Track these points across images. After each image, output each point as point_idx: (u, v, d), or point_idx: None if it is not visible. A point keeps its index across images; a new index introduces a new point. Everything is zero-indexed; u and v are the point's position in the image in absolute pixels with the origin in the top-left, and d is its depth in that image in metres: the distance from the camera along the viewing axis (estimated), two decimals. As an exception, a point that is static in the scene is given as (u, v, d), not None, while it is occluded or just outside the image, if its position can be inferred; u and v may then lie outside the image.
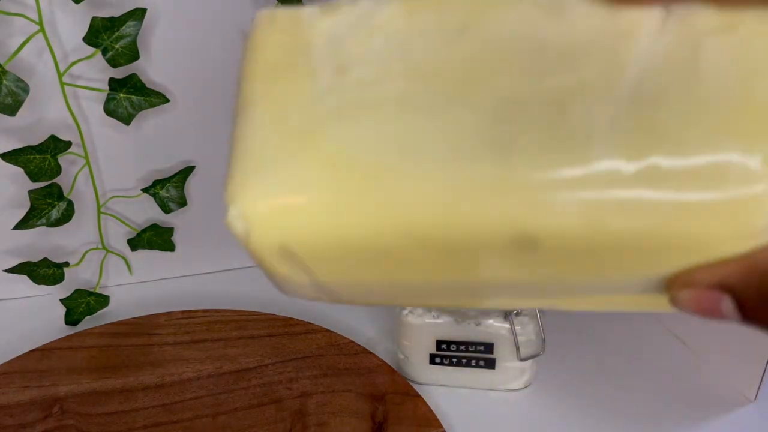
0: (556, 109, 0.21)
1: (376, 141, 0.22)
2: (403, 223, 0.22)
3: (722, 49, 0.20)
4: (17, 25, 0.49)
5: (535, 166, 0.20)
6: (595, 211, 0.20)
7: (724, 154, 0.19)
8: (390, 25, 0.23)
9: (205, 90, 0.56)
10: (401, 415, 0.47)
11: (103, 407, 0.48)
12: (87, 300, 0.58)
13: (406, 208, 0.21)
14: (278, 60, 0.25)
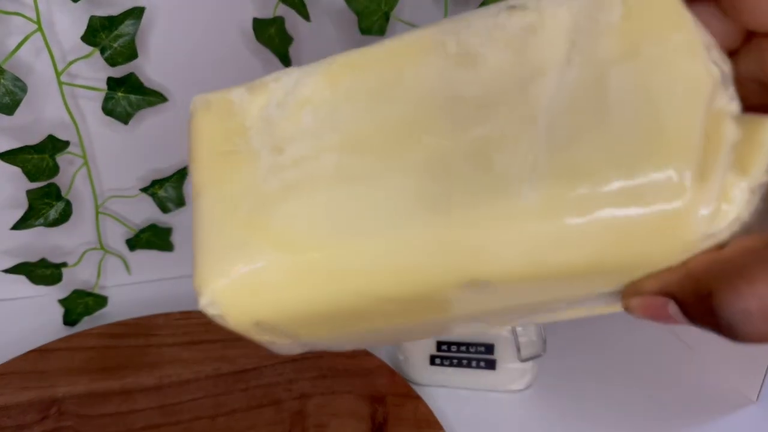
0: (482, 160, 0.22)
1: (318, 216, 0.23)
2: (355, 287, 0.23)
3: (627, 77, 0.21)
4: (15, 23, 0.49)
5: (469, 219, 0.22)
6: (533, 250, 0.21)
7: (641, 177, 0.20)
8: (316, 97, 0.25)
9: (204, 89, 0.55)
10: (401, 417, 0.47)
11: (102, 408, 0.48)
12: (85, 300, 0.58)
13: (355, 274, 0.23)
14: (219, 146, 0.26)
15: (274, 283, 0.24)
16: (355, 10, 0.51)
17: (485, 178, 0.22)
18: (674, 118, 0.20)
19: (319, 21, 0.55)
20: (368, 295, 0.24)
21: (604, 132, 0.21)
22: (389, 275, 0.23)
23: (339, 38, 0.56)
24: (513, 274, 0.22)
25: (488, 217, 0.21)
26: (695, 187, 0.20)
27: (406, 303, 0.24)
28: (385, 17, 0.52)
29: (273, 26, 0.51)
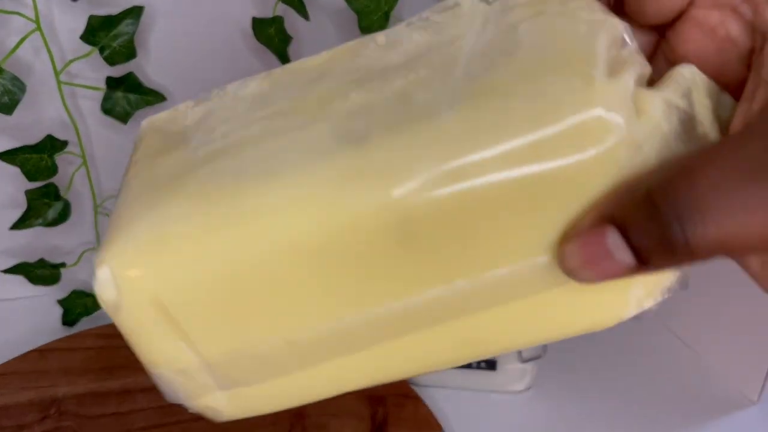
0: (404, 99, 0.22)
1: (239, 168, 0.22)
2: (273, 232, 0.21)
3: (533, 27, 0.22)
4: (14, 23, 0.49)
5: (388, 144, 0.21)
6: (454, 172, 0.20)
7: (550, 86, 0.20)
8: (254, 92, 0.26)
9: (203, 89, 0.55)
10: (401, 417, 0.47)
11: (101, 408, 0.48)
12: (84, 301, 0.58)
13: (273, 215, 0.21)
14: (156, 146, 0.26)
15: (183, 238, 0.21)
16: (355, 9, 0.51)
17: (406, 110, 0.22)
18: (576, 41, 0.21)
19: (318, 20, 0.54)
20: (284, 244, 0.21)
21: (515, 61, 0.21)
22: (310, 213, 0.21)
23: (339, 37, 0.56)
24: (438, 206, 0.20)
25: (408, 141, 0.21)
26: (602, 86, 0.20)
27: (328, 264, 0.21)
28: (385, 16, 0.52)
29: (272, 25, 0.51)
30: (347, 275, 0.22)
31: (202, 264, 0.22)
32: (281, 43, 0.51)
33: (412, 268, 0.22)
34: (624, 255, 0.20)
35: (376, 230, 0.21)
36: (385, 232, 0.21)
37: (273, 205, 0.21)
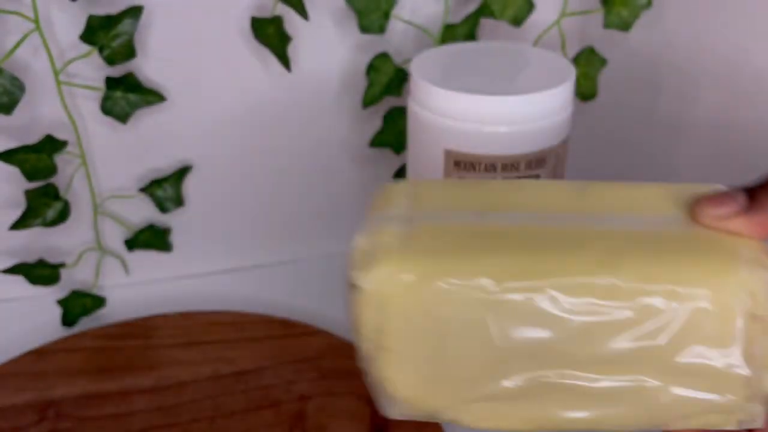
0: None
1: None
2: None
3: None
4: (13, 23, 0.49)
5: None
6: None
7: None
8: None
9: (202, 88, 0.56)
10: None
11: (100, 410, 0.48)
12: (83, 301, 0.58)
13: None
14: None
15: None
16: (354, 8, 0.51)
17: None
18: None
19: (317, 20, 0.54)
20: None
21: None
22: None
23: (338, 37, 0.56)
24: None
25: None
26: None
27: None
28: (385, 16, 0.51)
29: (271, 25, 0.51)
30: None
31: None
32: (280, 43, 0.51)
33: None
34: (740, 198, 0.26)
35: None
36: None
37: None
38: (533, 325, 0.25)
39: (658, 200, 0.28)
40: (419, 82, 0.41)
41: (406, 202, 0.29)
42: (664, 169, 0.54)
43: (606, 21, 0.53)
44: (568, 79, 0.41)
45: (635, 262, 0.25)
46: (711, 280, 0.24)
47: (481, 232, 0.26)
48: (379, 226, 0.27)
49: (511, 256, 0.25)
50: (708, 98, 0.49)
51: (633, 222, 0.26)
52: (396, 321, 0.27)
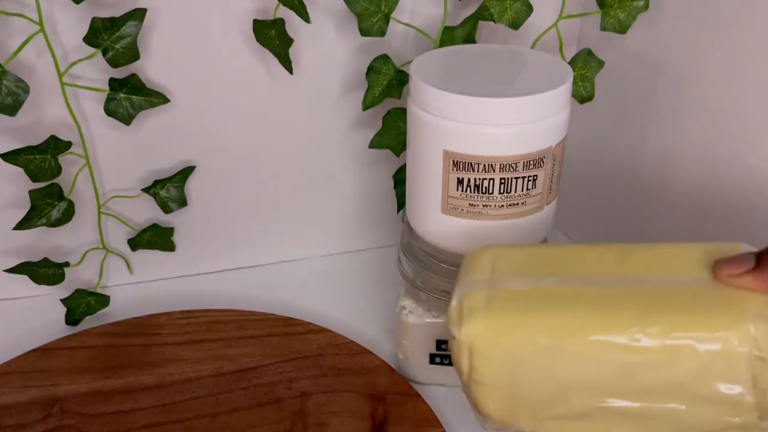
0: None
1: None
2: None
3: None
4: (17, 25, 0.49)
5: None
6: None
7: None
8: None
9: (205, 90, 0.56)
10: (401, 415, 0.47)
11: (103, 407, 0.48)
12: (87, 300, 0.58)
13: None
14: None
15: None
16: (354, 11, 0.51)
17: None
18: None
19: (319, 22, 0.55)
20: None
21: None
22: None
23: (339, 40, 0.56)
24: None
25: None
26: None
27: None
28: (385, 19, 0.52)
29: (273, 28, 0.51)
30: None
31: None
32: (282, 45, 0.52)
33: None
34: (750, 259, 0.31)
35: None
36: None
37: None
38: (584, 367, 0.32)
39: (687, 261, 0.34)
40: (419, 83, 0.42)
41: (488, 267, 0.36)
42: (662, 168, 0.55)
43: (603, 23, 0.53)
44: (565, 80, 0.41)
45: (664, 318, 0.31)
46: (724, 331, 0.30)
47: (542, 295, 0.34)
48: (468, 289, 0.35)
49: (564, 316, 0.33)
50: (705, 99, 0.49)
51: (664, 282, 0.33)
52: (483, 362, 0.34)
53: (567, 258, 0.36)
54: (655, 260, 0.35)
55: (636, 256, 0.35)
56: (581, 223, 0.68)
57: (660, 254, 0.35)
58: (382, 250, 0.68)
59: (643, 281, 0.33)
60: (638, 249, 0.36)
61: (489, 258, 0.37)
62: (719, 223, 0.50)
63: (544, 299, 0.34)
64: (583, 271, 0.35)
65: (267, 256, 0.66)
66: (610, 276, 0.34)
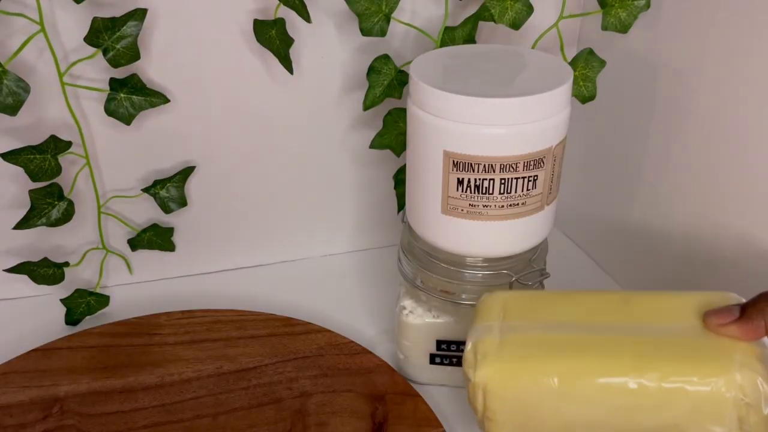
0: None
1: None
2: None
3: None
4: (18, 24, 0.49)
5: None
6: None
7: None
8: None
9: (206, 90, 0.56)
10: (401, 415, 0.47)
11: (103, 407, 0.48)
12: (87, 300, 0.58)
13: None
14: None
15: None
16: (355, 11, 0.51)
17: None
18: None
19: (319, 22, 0.55)
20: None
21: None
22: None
23: (340, 40, 0.56)
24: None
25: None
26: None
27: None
28: (386, 19, 0.52)
29: (274, 28, 0.51)
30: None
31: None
32: (283, 45, 0.52)
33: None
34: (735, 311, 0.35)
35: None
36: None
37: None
38: (588, 407, 0.36)
39: (680, 310, 0.37)
40: (419, 83, 0.42)
41: (498, 314, 0.40)
42: (662, 168, 0.55)
43: (604, 23, 0.53)
44: (565, 81, 0.41)
45: (660, 365, 0.35)
46: (713, 378, 0.34)
47: (549, 341, 0.37)
48: (482, 335, 0.38)
49: (570, 362, 0.36)
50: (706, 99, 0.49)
51: (661, 330, 0.36)
52: (495, 402, 0.37)
53: (570, 305, 0.40)
54: (651, 309, 0.38)
55: (634, 305, 0.38)
56: (581, 223, 0.68)
57: (656, 303, 0.39)
58: (383, 250, 0.68)
59: (641, 329, 0.37)
60: (636, 297, 0.39)
61: (499, 304, 0.40)
62: (719, 222, 0.50)
63: (551, 346, 0.37)
64: (586, 318, 0.38)
65: (267, 256, 0.66)
66: (610, 323, 0.38)
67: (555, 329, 0.38)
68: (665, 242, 0.56)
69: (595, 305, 0.39)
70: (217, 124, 0.58)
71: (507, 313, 0.40)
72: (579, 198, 0.67)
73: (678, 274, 0.55)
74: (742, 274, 0.49)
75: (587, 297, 0.40)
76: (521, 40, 0.60)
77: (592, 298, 0.40)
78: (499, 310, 0.40)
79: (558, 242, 0.69)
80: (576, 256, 0.68)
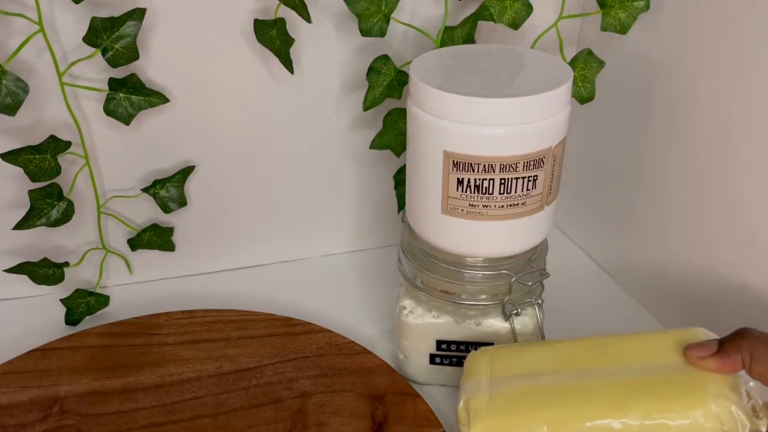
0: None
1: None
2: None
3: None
4: (17, 24, 0.49)
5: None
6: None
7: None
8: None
9: (205, 90, 0.56)
10: (401, 415, 0.47)
11: (103, 407, 0.48)
12: (87, 300, 0.58)
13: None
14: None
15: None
16: (355, 12, 0.51)
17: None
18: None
19: (319, 23, 0.55)
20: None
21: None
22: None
23: (339, 40, 0.56)
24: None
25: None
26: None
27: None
28: (386, 19, 0.52)
29: (274, 27, 0.51)
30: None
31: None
32: (283, 45, 0.52)
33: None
34: (714, 345, 0.37)
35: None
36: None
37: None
38: None
39: (655, 349, 0.40)
40: (418, 83, 0.42)
41: (486, 370, 0.42)
42: (662, 168, 0.55)
43: (603, 24, 0.53)
44: (565, 81, 0.41)
45: (642, 404, 0.37)
46: (690, 412, 0.36)
47: (536, 393, 0.39)
48: (473, 393, 0.41)
49: (558, 410, 0.38)
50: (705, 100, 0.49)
51: (637, 371, 0.39)
52: None
53: (553, 356, 0.42)
54: (628, 351, 0.41)
55: (612, 349, 0.41)
56: (581, 223, 0.68)
57: (631, 345, 0.41)
58: (383, 250, 0.68)
59: (620, 371, 0.39)
60: (612, 341, 0.41)
61: (486, 360, 0.43)
62: (719, 222, 0.50)
63: (538, 396, 0.39)
64: (569, 366, 0.41)
65: (267, 256, 0.66)
66: (591, 368, 0.40)
67: (540, 379, 0.40)
68: (665, 241, 0.56)
69: (576, 352, 0.41)
70: (217, 124, 0.58)
71: (494, 367, 0.42)
72: (579, 198, 0.67)
73: (677, 273, 0.55)
74: (741, 271, 0.49)
75: (568, 345, 0.42)
76: (520, 40, 0.60)
77: (572, 345, 0.42)
78: (486, 367, 0.42)
79: (558, 242, 0.69)
80: (576, 256, 0.68)
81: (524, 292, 0.48)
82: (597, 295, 0.63)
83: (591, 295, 0.62)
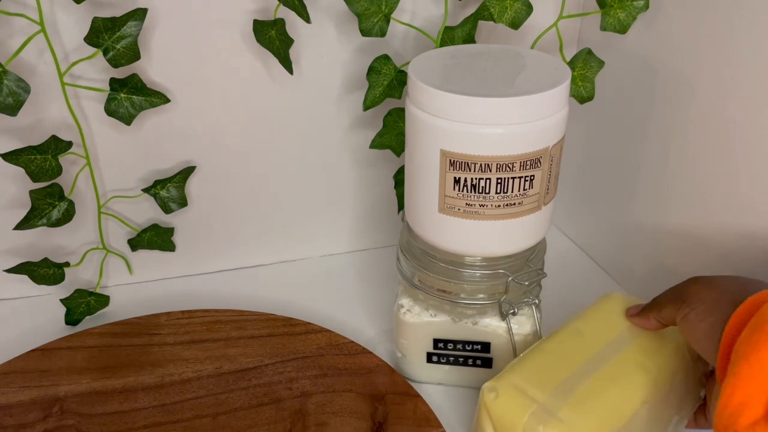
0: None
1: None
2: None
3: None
4: (18, 25, 0.49)
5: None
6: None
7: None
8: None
9: (206, 90, 0.56)
10: (401, 415, 0.47)
11: (103, 407, 0.49)
12: (87, 300, 0.58)
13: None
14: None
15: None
16: (355, 12, 0.51)
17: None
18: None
19: (319, 23, 0.55)
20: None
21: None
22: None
23: (339, 40, 0.56)
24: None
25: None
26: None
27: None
28: (386, 19, 0.52)
29: (274, 28, 0.51)
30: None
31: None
32: (282, 46, 0.52)
33: None
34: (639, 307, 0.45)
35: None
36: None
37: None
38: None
39: (614, 320, 0.45)
40: (416, 83, 0.42)
41: (524, 395, 0.40)
42: (661, 168, 0.55)
43: (603, 23, 0.53)
44: (563, 81, 0.41)
45: (651, 363, 0.42)
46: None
47: (586, 395, 0.40)
48: (538, 422, 0.39)
49: (611, 402, 0.40)
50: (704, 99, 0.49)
51: (618, 343, 0.43)
52: None
53: (561, 356, 0.43)
54: (598, 330, 0.44)
55: (587, 333, 0.44)
56: (581, 223, 0.68)
57: (596, 324, 0.45)
58: (383, 250, 0.68)
59: (611, 349, 0.43)
60: (579, 325, 0.45)
61: (513, 390, 0.42)
62: (717, 221, 0.50)
63: (590, 397, 0.40)
64: (576, 360, 0.42)
65: (267, 256, 0.66)
66: (591, 355, 0.42)
67: (576, 381, 0.41)
68: (664, 241, 0.56)
69: (569, 346, 0.43)
70: (217, 123, 0.58)
71: (532, 392, 0.41)
72: (578, 198, 0.67)
73: (677, 272, 0.55)
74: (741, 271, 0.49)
75: (557, 341, 0.44)
76: (520, 40, 0.60)
77: (560, 340, 0.44)
78: (522, 392, 0.41)
79: (557, 242, 0.69)
80: (575, 256, 0.68)
81: (522, 292, 0.48)
82: (596, 294, 0.62)
83: (590, 295, 0.62)
